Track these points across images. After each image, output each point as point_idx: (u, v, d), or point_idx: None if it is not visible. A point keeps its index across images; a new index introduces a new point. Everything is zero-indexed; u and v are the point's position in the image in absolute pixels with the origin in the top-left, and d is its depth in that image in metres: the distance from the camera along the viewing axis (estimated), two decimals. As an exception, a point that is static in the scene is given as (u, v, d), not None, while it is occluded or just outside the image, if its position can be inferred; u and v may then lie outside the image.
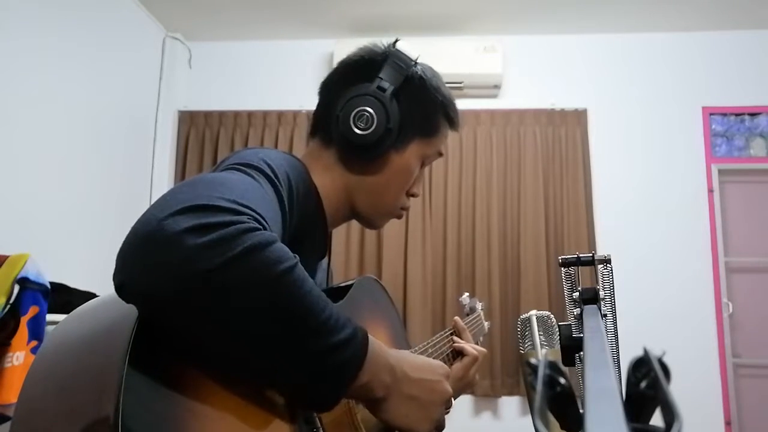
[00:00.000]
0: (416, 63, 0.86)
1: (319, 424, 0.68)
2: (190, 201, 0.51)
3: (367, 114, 0.80)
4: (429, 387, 0.70)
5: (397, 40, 0.86)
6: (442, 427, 0.75)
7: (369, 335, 0.61)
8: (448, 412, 0.76)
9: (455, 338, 1.08)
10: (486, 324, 1.34)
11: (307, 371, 0.56)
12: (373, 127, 0.80)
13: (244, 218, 0.53)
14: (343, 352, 0.57)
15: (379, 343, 0.64)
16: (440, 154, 0.92)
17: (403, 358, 0.68)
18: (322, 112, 0.87)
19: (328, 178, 0.84)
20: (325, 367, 0.56)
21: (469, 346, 1.05)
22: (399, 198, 0.89)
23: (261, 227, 0.54)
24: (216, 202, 0.52)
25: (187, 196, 0.53)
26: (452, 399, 0.76)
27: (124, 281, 0.50)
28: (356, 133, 0.80)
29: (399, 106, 0.82)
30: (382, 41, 0.87)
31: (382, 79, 0.82)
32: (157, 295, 0.49)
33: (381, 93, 0.81)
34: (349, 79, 0.84)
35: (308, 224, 0.76)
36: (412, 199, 0.92)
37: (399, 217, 0.92)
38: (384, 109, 0.81)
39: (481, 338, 1.26)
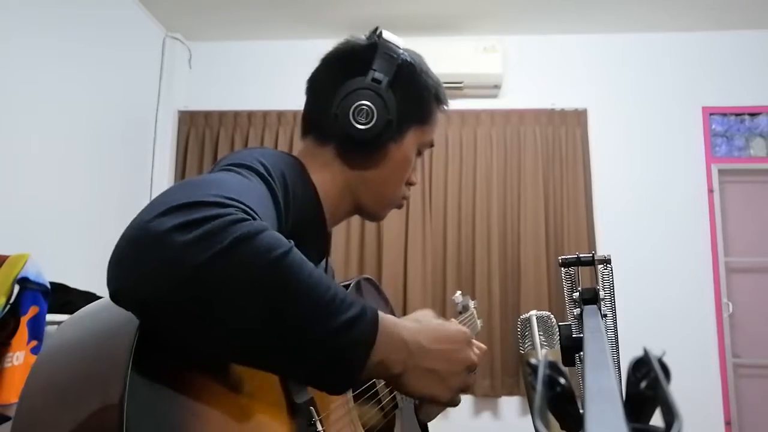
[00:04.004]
0: (404, 50, 0.85)
1: (320, 427, 0.68)
2: (176, 201, 0.50)
3: (367, 108, 0.80)
4: (447, 357, 0.67)
5: (377, 29, 0.85)
6: (468, 390, 0.72)
7: (380, 312, 0.59)
8: (473, 379, 0.74)
9: None
10: (479, 322, 1.34)
11: (317, 354, 0.54)
12: (374, 120, 0.80)
13: (230, 210, 0.51)
14: (353, 331, 0.55)
15: (392, 318, 0.62)
16: (431, 145, 0.92)
17: (419, 331, 0.65)
18: (314, 110, 0.86)
19: (328, 176, 0.83)
20: (335, 347, 0.54)
21: None
22: (400, 188, 0.89)
23: (249, 218, 0.52)
24: (201, 198, 0.51)
25: (174, 197, 0.52)
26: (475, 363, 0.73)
27: (118, 289, 0.49)
28: (357, 128, 0.80)
29: (395, 96, 0.82)
30: (362, 33, 0.86)
31: (375, 71, 0.81)
32: (152, 299, 0.48)
33: (377, 85, 0.80)
34: (340, 74, 0.83)
35: (306, 224, 0.75)
36: (411, 195, 0.92)
37: (400, 207, 0.93)
38: (383, 102, 0.80)
39: (474, 337, 1.26)
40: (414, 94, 0.85)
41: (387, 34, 0.84)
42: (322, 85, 0.86)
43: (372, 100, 0.80)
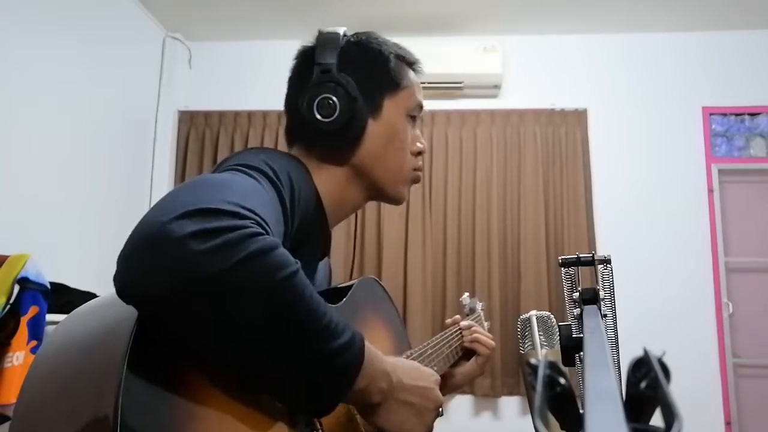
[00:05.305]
0: (344, 33, 0.86)
1: (319, 427, 0.68)
2: (194, 204, 0.51)
3: (326, 99, 0.80)
4: (423, 394, 0.71)
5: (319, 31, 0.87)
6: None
7: (366, 341, 0.62)
8: (438, 417, 0.77)
9: (465, 332, 1.10)
10: (486, 324, 1.35)
11: (306, 376, 0.56)
12: (339, 107, 0.80)
13: (247, 222, 0.52)
14: (343, 357, 0.57)
15: (374, 349, 0.64)
16: (421, 107, 0.91)
17: (397, 365, 0.69)
18: (292, 124, 0.88)
19: (324, 177, 0.83)
20: (324, 372, 0.57)
21: (483, 337, 1.09)
22: (405, 160, 0.89)
23: (264, 232, 0.53)
24: (219, 206, 0.52)
25: (191, 198, 0.52)
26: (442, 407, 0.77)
27: (127, 284, 0.50)
28: (326, 121, 0.80)
29: (351, 76, 0.82)
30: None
31: (320, 63, 0.82)
32: (160, 298, 0.49)
33: (328, 74, 0.81)
34: (297, 83, 0.85)
35: (309, 225, 0.76)
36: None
37: (417, 180, 0.92)
38: (339, 86, 0.80)
39: None
40: (367, 65, 0.85)
41: (325, 28, 0.85)
42: (289, 101, 0.87)
43: (328, 90, 0.80)
